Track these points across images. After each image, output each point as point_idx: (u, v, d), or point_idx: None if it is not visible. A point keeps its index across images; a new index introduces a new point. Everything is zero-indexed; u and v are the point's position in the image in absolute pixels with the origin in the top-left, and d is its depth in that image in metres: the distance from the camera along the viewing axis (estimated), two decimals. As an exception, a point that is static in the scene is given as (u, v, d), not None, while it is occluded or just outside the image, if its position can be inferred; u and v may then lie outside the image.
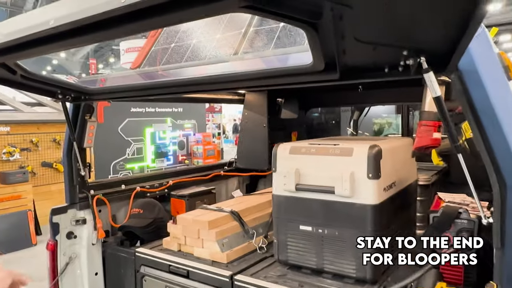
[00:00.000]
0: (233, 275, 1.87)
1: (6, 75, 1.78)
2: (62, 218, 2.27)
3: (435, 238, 1.49)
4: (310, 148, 1.84)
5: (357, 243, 1.67)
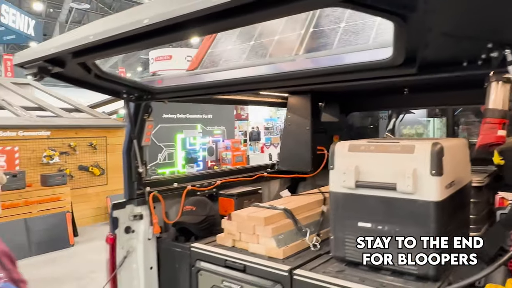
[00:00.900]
0: (292, 270, 1.90)
1: (82, 74, 1.90)
2: (121, 213, 2.37)
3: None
4: (370, 146, 1.88)
5: (419, 240, 1.69)
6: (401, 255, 1.77)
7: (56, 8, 22.66)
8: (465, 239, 1.66)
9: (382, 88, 2.99)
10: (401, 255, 1.77)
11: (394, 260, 1.79)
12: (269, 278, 1.97)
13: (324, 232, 2.34)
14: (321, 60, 1.65)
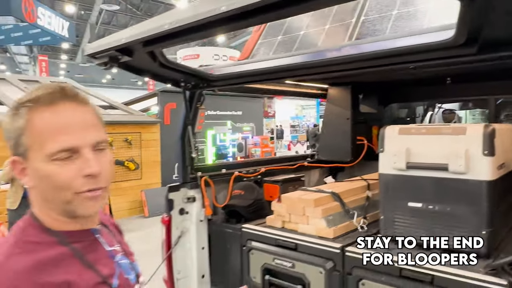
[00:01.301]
0: (344, 247, 2.00)
1: (147, 63, 2.05)
2: (176, 195, 2.52)
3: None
4: (420, 129, 1.95)
5: (472, 218, 1.76)
6: (452, 233, 1.84)
7: (87, 10, 23.36)
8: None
9: (423, 78, 3.03)
10: (452, 233, 1.84)
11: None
12: (320, 255, 2.06)
13: (371, 216, 2.42)
14: (376, 44, 1.74)
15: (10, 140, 0.85)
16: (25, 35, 16.37)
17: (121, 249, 1.00)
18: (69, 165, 0.82)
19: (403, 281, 1.75)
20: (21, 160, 0.84)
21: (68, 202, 0.84)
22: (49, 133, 0.82)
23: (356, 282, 1.90)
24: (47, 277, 0.78)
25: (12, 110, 0.84)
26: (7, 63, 28.36)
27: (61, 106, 0.84)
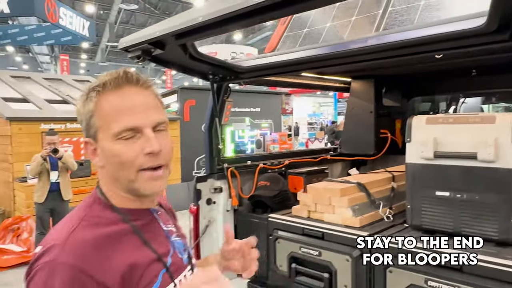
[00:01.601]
0: (371, 235, 2.03)
1: (178, 56, 2.12)
2: (203, 186, 2.58)
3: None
4: (448, 118, 1.96)
5: (501, 207, 1.77)
6: (480, 221, 1.85)
7: (106, 9, 23.73)
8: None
9: (447, 71, 3.03)
10: (480, 222, 1.85)
11: (473, 227, 1.88)
12: (348, 243, 2.10)
13: (396, 206, 2.44)
14: (403, 34, 1.76)
15: (82, 122, 0.92)
16: (48, 35, 16.74)
17: (176, 230, 1.05)
18: (133, 144, 0.88)
19: (431, 268, 1.77)
20: (92, 141, 0.91)
21: (132, 181, 0.89)
22: (115, 115, 0.88)
23: (383, 269, 1.93)
24: (109, 250, 0.84)
25: (84, 95, 0.91)
26: (29, 63, 29.08)
27: (126, 89, 0.90)
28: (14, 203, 6.96)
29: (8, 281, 5.07)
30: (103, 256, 0.82)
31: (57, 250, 0.80)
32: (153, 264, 0.90)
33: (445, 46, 1.61)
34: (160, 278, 0.90)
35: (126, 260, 0.85)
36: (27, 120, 7.04)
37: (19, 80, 9.43)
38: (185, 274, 1.00)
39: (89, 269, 0.79)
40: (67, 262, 0.78)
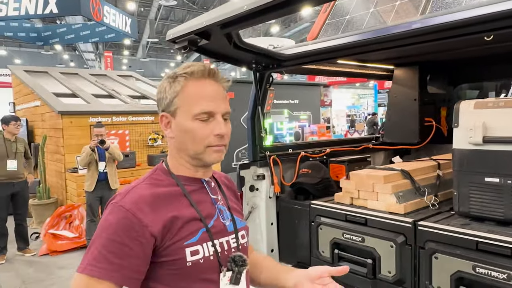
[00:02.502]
0: (415, 221, 2.01)
1: (222, 45, 2.18)
2: (247, 173, 2.65)
3: None
4: (498, 102, 1.90)
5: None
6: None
7: (147, 7, 24.36)
8: None
9: (495, 55, 2.91)
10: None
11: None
12: (391, 230, 2.09)
13: (442, 194, 2.39)
14: (449, 16, 1.72)
15: (164, 99, 1.10)
16: (92, 33, 17.48)
17: (224, 202, 1.19)
18: (206, 125, 1.08)
19: (480, 254, 1.74)
20: (169, 116, 1.11)
21: (200, 153, 1.09)
22: (197, 99, 1.08)
23: (429, 255, 1.91)
24: (160, 204, 1.04)
25: (171, 78, 1.10)
26: (76, 60, 30.47)
27: (207, 80, 1.10)
28: (66, 192, 7.39)
29: (63, 265, 5.41)
30: (153, 208, 1.02)
31: (120, 197, 1.03)
32: (194, 221, 1.06)
33: (494, 26, 1.56)
34: (199, 234, 1.06)
35: (171, 213, 1.03)
36: (77, 114, 7.43)
37: (68, 77, 9.95)
38: (227, 239, 1.13)
39: (139, 214, 0.99)
40: (124, 206, 1.00)
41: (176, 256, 1.01)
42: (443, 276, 1.86)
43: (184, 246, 1.02)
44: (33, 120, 8.77)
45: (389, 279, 2.08)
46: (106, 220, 1.01)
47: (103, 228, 1.00)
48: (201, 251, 1.04)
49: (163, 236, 1.00)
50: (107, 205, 1.05)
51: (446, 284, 1.85)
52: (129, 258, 0.97)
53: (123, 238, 0.97)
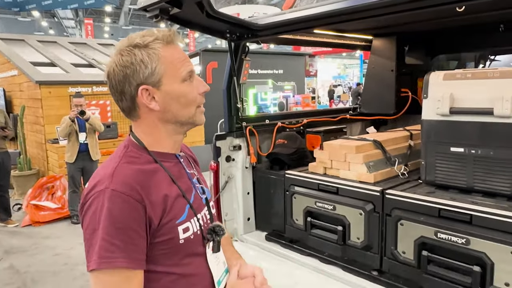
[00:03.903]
0: (383, 190, 2.08)
1: (194, 14, 2.14)
2: (223, 143, 2.66)
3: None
4: (466, 74, 1.94)
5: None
6: (494, 177, 1.87)
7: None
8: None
9: (472, 26, 2.92)
10: (494, 177, 1.87)
11: (486, 182, 1.90)
12: (361, 198, 2.16)
13: (412, 164, 2.46)
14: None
15: (143, 71, 1.02)
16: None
17: (197, 175, 1.21)
18: (191, 85, 1.08)
19: (441, 220, 1.82)
20: (150, 88, 1.03)
21: (192, 115, 1.09)
22: (178, 62, 1.06)
23: (395, 222, 1.99)
24: (147, 182, 1.00)
25: (141, 48, 1.02)
26: (55, 28, 29.43)
27: (176, 43, 1.08)
28: (47, 163, 7.33)
29: (47, 234, 5.45)
30: (144, 187, 0.98)
31: (107, 181, 0.96)
32: (179, 198, 1.06)
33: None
34: (186, 211, 1.06)
35: (161, 191, 1.01)
36: (56, 84, 7.26)
37: (46, 45, 9.64)
38: (205, 212, 1.16)
39: (136, 195, 0.95)
40: (117, 189, 0.94)
41: (170, 235, 1.01)
42: (407, 242, 1.95)
43: (176, 225, 1.02)
44: (11, 90, 8.55)
45: (357, 245, 2.17)
46: (103, 209, 0.92)
47: (104, 218, 0.92)
48: (191, 227, 1.06)
49: (161, 216, 0.99)
50: (90, 196, 0.96)
51: (410, 249, 1.94)
52: (139, 240, 0.95)
53: (128, 222, 0.93)
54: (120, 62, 1.02)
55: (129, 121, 1.12)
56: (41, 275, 4.26)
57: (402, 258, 1.97)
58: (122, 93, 1.04)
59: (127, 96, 1.04)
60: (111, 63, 1.04)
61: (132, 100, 1.04)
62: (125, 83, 1.03)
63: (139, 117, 1.08)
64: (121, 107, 1.08)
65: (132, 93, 1.03)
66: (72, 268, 4.39)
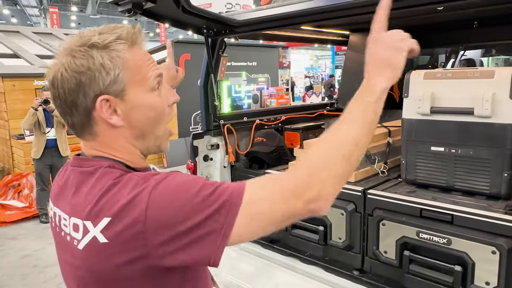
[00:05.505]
0: (365, 190, 2.06)
1: (170, 9, 2.04)
2: (200, 142, 2.59)
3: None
4: (446, 73, 1.94)
5: (494, 161, 1.79)
6: (473, 176, 1.88)
7: (95, -42, 22.60)
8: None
9: (448, 22, 2.95)
10: (473, 176, 1.88)
11: (466, 181, 1.91)
12: (342, 198, 2.14)
13: (391, 161, 2.46)
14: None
15: (103, 78, 0.82)
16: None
17: None
18: (160, 96, 0.90)
19: (423, 220, 1.82)
20: (112, 98, 0.83)
21: (159, 137, 0.91)
22: (146, 66, 0.87)
23: (377, 222, 1.98)
24: None
25: (100, 49, 0.82)
26: (18, 16, 28.10)
27: (142, 44, 0.89)
28: (13, 160, 7.01)
29: (13, 235, 5.22)
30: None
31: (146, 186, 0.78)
32: None
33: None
34: None
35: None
36: (20, 77, 6.92)
37: (8, 35, 9.16)
38: None
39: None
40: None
41: None
42: (389, 241, 1.95)
43: None
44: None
45: (339, 245, 2.16)
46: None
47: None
48: None
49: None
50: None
51: (391, 249, 1.94)
52: None
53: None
54: (72, 66, 0.81)
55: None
56: (8, 279, 4.07)
57: (384, 258, 1.97)
58: (73, 105, 0.83)
59: (80, 109, 0.83)
60: (58, 66, 0.83)
61: (86, 114, 0.84)
62: (78, 93, 0.82)
63: (96, 135, 0.87)
64: (69, 123, 0.87)
65: (88, 105, 0.83)
66: (42, 270, 4.22)
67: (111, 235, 0.76)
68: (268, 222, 0.81)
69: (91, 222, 0.78)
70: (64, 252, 0.88)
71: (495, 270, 1.61)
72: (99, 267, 0.79)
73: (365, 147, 0.92)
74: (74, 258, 0.84)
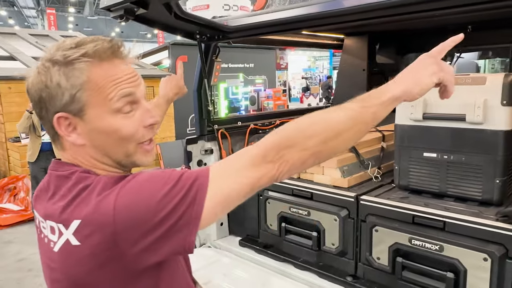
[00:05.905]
0: (358, 196, 2.06)
1: (162, 15, 2.03)
2: (194, 147, 2.58)
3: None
4: (439, 79, 1.93)
5: (486, 168, 1.79)
6: (466, 182, 1.88)
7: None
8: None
9: (443, 26, 2.95)
10: (466, 182, 1.88)
11: (458, 187, 1.91)
12: (335, 204, 2.14)
13: (385, 166, 2.46)
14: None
15: (60, 97, 0.82)
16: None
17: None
18: (132, 117, 0.86)
19: (415, 227, 1.82)
20: (70, 116, 0.83)
21: (130, 155, 0.88)
22: (110, 86, 0.83)
23: (369, 228, 1.98)
24: None
25: (61, 65, 0.82)
26: (15, 17, 28.06)
27: (116, 59, 0.85)
28: (8, 163, 6.99)
29: (9, 239, 5.20)
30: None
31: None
32: None
33: (441, 5, 1.56)
34: None
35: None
36: (16, 79, 6.89)
37: (4, 37, 9.14)
38: None
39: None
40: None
41: None
42: (382, 248, 1.95)
43: None
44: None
45: (332, 251, 2.15)
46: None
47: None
48: None
49: None
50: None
51: (384, 255, 1.94)
52: None
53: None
54: (34, 81, 0.84)
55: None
56: (3, 283, 4.06)
57: (377, 264, 1.97)
58: (41, 117, 0.87)
59: (46, 122, 0.86)
60: (30, 78, 0.85)
61: (52, 128, 0.85)
62: (41, 108, 0.85)
63: (64, 148, 0.89)
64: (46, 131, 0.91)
65: (50, 120, 0.84)
66: (37, 274, 4.21)
67: (82, 238, 0.77)
68: (237, 191, 0.82)
69: (63, 225, 0.79)
70: (44, 254, 0.89)
71: (487, 277, 1.61)
72: (73, 270, 0.80)
73: (347, 142, 0.91)
74: (51, 261, 0.85)
